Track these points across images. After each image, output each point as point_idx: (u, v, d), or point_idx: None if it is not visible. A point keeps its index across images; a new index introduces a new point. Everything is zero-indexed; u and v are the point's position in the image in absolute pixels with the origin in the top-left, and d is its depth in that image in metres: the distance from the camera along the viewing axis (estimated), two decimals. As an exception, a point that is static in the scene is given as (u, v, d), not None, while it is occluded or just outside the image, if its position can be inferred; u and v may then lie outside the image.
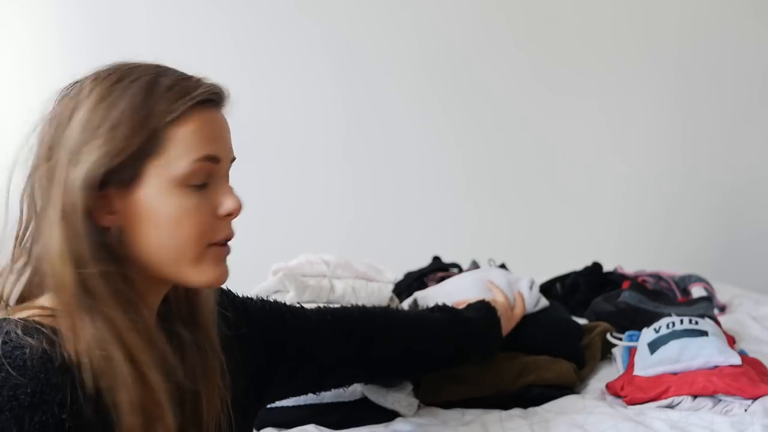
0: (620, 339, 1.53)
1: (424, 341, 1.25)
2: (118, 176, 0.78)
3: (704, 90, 2.90)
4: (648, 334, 1.42)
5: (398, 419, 1.33)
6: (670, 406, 1.27)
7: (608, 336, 1.55)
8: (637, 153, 2.95)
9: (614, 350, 1.54)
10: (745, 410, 1.21)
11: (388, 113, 2.91)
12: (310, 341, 1.10)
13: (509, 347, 1.51)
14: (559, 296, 2.00)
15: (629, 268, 2.16)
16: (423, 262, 2.05)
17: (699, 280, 2.02)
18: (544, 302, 1.58)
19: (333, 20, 2.86)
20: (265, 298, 1.10)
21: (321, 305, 1.19)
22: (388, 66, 2.89)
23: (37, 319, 0.75)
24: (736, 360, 1.29)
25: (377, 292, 1.61)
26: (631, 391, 1.33)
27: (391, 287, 1.74)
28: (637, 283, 1.90)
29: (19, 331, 0.72)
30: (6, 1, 2.81)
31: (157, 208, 0.79)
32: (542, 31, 2.90)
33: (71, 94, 0.82)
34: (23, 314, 0.76)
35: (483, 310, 1.35)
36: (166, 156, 0.79)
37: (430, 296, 1.61)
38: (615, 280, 2.03)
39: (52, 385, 0.70)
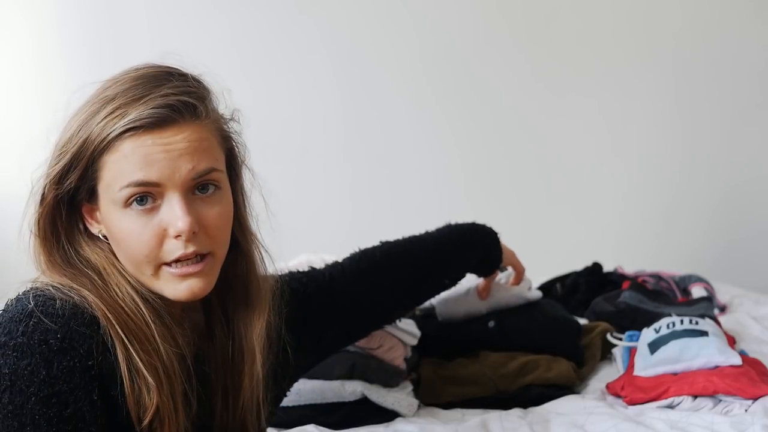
0: (620, 339, 1.53)
1: (423, 259, 1.29)
2: (79, 194, 0.85)
3: (704, 90, 2.90)
4: (648, 334, 1.42)
5: (398, 419, 1.33)
6: (671, 407, 1.27)
7: (608, 336, 1.55)
8: (636, 153, 2.94)
9: (614, 350, 1.54)
10: (746, 410, 1.20)
11: (387, 113, 2.90)
12: (330, 300, 1.12)
13: (508, 346, 1.51)
14: (559, 296, 2.00)
15: (629, 269, 2.16)
16: (423, 262, 2.05)
17: (699, 280, 2.02)
18: (537, 293, 1.59)
19: (332, 20, 2.86)
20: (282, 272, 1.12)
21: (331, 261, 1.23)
22: (387, 66, 2.88)
23: (67, 283, 0.81)
24: (737, 360, 1.29)
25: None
26: (631, 392, 1.33)
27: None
28: (637, 283, 1.90)
29: (50, 288, 0.78)
30: (6, 1, 2.81)
31: (111, 226, 0.83)
32: (542, 31, 2.90)
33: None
34: (54, 279, 0.82)
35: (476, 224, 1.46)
36: (105, 181, 0.83)
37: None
38: (615, 280, 2.02)
39: (81, 334, 0.74)
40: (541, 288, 1.97)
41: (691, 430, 1.17)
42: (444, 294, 1.56)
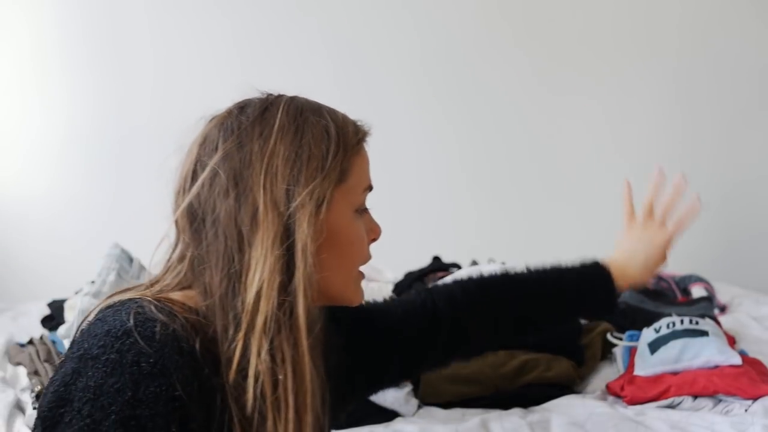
0: (620, 339, 1.53)
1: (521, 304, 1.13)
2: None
3: (704, 90, 2.90)
4: (648, 334, 1.42)
5: (398, 419, 1.33)
6: (671, 406, 1.27)
7: (608, 336, 1.55)
8: (637, 153, 2.94)
9: (615, 350, 1.54)
10: (746, 410, 1.20)
11: (387, 113, 2.90)
12: (394, 336, 1.06)
13: (508, 345, 1.51)
14: (559, 296, 1.99)
15: (629, 268, 2.16)
16: (423, 262, 2.05)
17: (699, 280, 2.02)
18: None
19: (333, 19, 2.86)
20: None
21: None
22: (388, 65, 2.88)
23: (169, 305, 0.77)
24: (737, 360, 1.29)
25: (377, 292, 1.61)
26: (631, 391, 1.33)
27: (391, 287, 1.75)
28: (637, 283, 1.89)
29: (152, 307, 0.74)
30: (6, 1, 2.81)
31: (340, 232, 0.82)
32: (543, 31, 2.90)
33: (240, 126, 0.81)
34: (155, 297, 0.78)
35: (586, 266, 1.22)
36: (347, 184, 0.83)
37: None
38: (615, 280, 2.02)
39: (175, 362, 0.71)
40: (542, 288, 1.97)
41: (691, 430, 1.17)
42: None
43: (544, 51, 2.90)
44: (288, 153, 0.79)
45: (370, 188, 0.87)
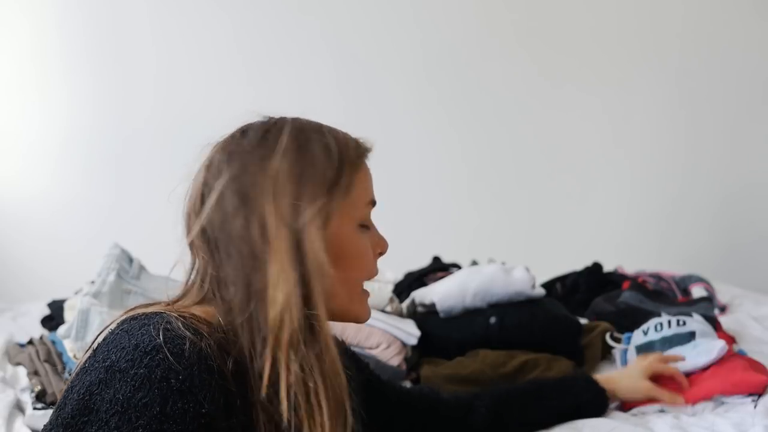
0: (619, 340, 1.53)
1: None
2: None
3: (707, 91, 2.90)
4: (637, 337, 1.43)
5: (398, 419, 1.33)
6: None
7: (606, 338, 1.55)
8: (639, 154, 2.94)
9: (614, 351, 1.54)
10: (755, 406, 1.20)
11: (388, 111, 2.91)
12: (401, 417, 1.10)
13: (509, 342, 1.51)
14: (559, 296, 2.00)
15: (630, 269, 2.16)
16: (423, 262, 2.05)
17: (699, 280, 2.01)
18: (540, 290, 1.59)
19: (334, 18, 2.86)
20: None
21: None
22: (388, 63, 2.88)
23: (194, 323, 0.78)
24: (721, 345, 1.30)
25: (377, 292, 1.61)
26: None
27: (391, 287, 1.75)
28: (637, 283, 1.89)
29: (179, 324, 0.76)
30: (6, 1, 2.81)
31: (343, 246, 0.84)
32: (545, 30, 2.90)
33: (244, 149, 0.83)
34: (180, 313, 0.79)
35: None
36: (350, 199, 0.84)
37: (426, 294, 1.62)
38: (615, 280, 2.02)
39: (203, 380, 0.72)
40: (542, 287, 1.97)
41: (691, 431, 1.17)
42: (444, 289, 1.57)
43: (545, 51, 2.90)
44: (292, 170, 0.81)
45: (373, 203, 0.89)
